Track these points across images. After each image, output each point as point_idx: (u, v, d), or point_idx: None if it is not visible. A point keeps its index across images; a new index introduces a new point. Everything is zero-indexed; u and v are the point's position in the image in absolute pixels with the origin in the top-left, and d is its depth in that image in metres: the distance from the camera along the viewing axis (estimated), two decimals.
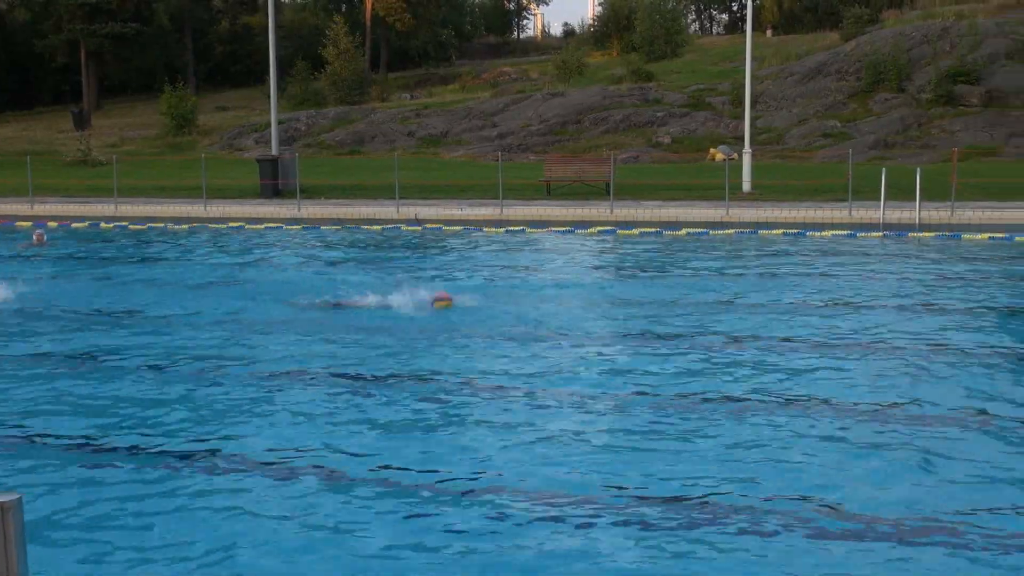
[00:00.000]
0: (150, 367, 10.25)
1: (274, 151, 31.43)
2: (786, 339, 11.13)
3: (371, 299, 12.99)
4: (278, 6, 39.49)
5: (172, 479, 7.08)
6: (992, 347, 10.78)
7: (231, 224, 24.64)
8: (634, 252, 19.66)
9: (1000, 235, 20.11)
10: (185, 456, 7.54)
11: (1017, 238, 19.79)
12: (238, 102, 58.31)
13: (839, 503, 6.51)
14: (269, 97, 32.72)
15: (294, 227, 24.10)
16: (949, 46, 42.20)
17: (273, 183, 29.43)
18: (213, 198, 27.87)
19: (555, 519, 6.32)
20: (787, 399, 8.83)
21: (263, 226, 24.31)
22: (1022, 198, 24.04)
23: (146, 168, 37.85)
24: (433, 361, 10.37)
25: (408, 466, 7.24)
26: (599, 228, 22.79)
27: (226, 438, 7.99)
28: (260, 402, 8.95)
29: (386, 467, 7.24)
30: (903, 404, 8.64)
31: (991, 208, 22.34)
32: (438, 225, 23.72)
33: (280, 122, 35.23)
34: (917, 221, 21.31)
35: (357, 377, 9.76)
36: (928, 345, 10.81)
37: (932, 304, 13.39)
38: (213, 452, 7.64)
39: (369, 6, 62.74)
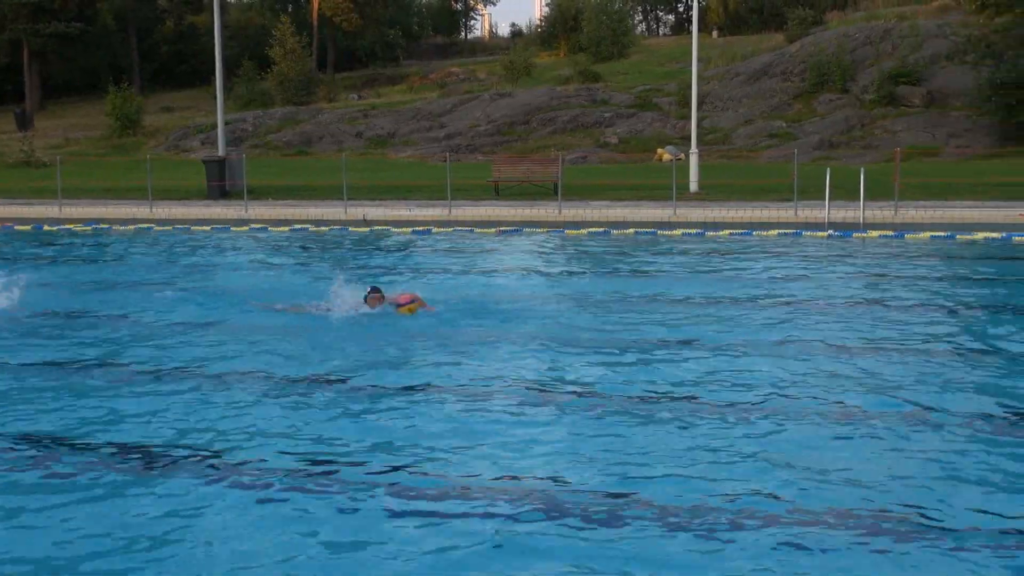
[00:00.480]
0: (97, 368, 10.16)
1: (221, 152, 31.22)
2: (733, 339, 11.23)
3: (317, 302, 12.90)
4: (224, 6, 39.23)
5: (120, 482, 7.03)
6: (934, 344, 10.96)
7: (178, 226, 24.45)
8: (582, 252, 19.74)
9: (942, 234, 20.43)
10: (125, 458, 7.49)
11: (959, 237, 20.11)
12: (184, 102, 57.86)
13: (785, 498, 6.60)
14: (215, 97, 32.50)
15: (241, 228, 23.95)
16: (891, 47, 42.85)
17: (220, 184, 29.24)
18: (159, 199, 27.64)
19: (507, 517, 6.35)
20: (734, 399, 8.92)
21: (210, 227, 24.13)
22: (963, 197, 24.45)
23: (91, 169, 37.45)
24: (379, 363, 10.36)
25: (354, 462, 7.26)
26: (548, 228, 22.86)
27: (168, 438, 7.95)
28: (201, 404, 8.89)
29: (333, 466, 7.25)
30: (847, 402, 8.77)
31: (933, 207, 22.68)
32: (386, 226, 23.67)
33: (226, 123, 34.99)
34: (862, 220, 21.59)
35: (303, 380, 9.72)
36: (872, 343, 10.97)
37: (877, 302, 13.58)
38: (151, 453, 7.60)
39: (316, 6, 62.50)
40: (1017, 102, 34.01)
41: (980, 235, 20.11)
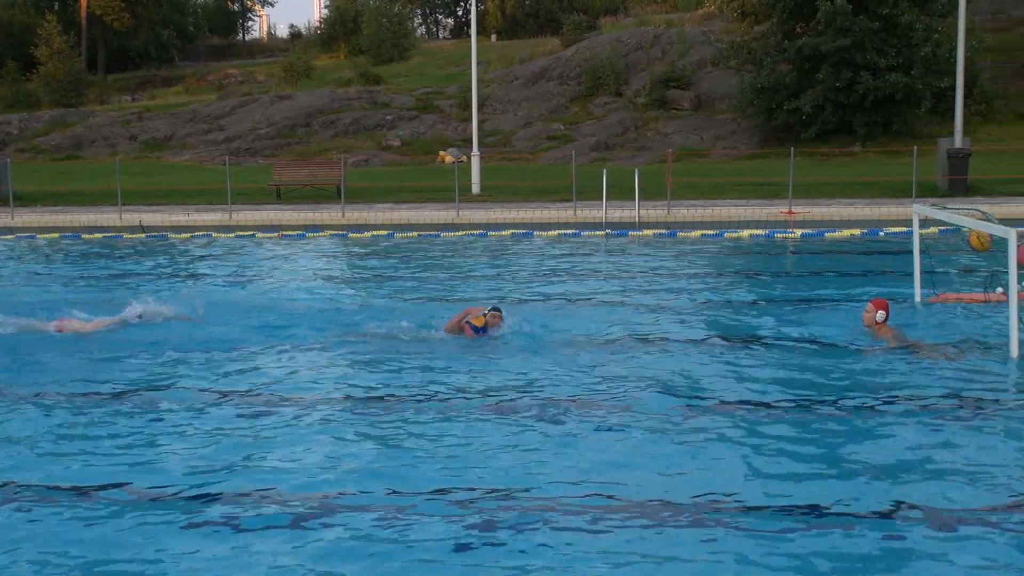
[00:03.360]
0: None
1: None
2: (528, 332, 11.51)
3: (94, 318, 12.36)
4: None
5: None
6: (704, 338, 11.53)
7: None
8: (366, 255, 19.77)
9: (712, 232, 21.42)
10: None
11: (727, 234, 21.12)
12: None
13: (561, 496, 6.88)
14: None
15: (7, 237, 22.91)
16: (661, 53, 44.52)
17: None
18: None
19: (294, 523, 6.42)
20: (507, 397, 9.19)
21: None
22: (730, 196, 25.66)
23: None
24: (151, 375, 10.18)
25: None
26: (331, 232, 22.78)
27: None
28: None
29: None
30: (618, 395, 9.16)
31: (703, 206, 23.72)
32: (164, 232, 23.09)
33: None
34: (637, 219, 22.39)
35: (76, 395, 9.47)
36: (645, 336, 11.46)
37: (651, 298, 14.15)
38: None
39: (84, 4, 60.13)
40: (776, 106, 35.90)
41: (746, 232, 21.19)
